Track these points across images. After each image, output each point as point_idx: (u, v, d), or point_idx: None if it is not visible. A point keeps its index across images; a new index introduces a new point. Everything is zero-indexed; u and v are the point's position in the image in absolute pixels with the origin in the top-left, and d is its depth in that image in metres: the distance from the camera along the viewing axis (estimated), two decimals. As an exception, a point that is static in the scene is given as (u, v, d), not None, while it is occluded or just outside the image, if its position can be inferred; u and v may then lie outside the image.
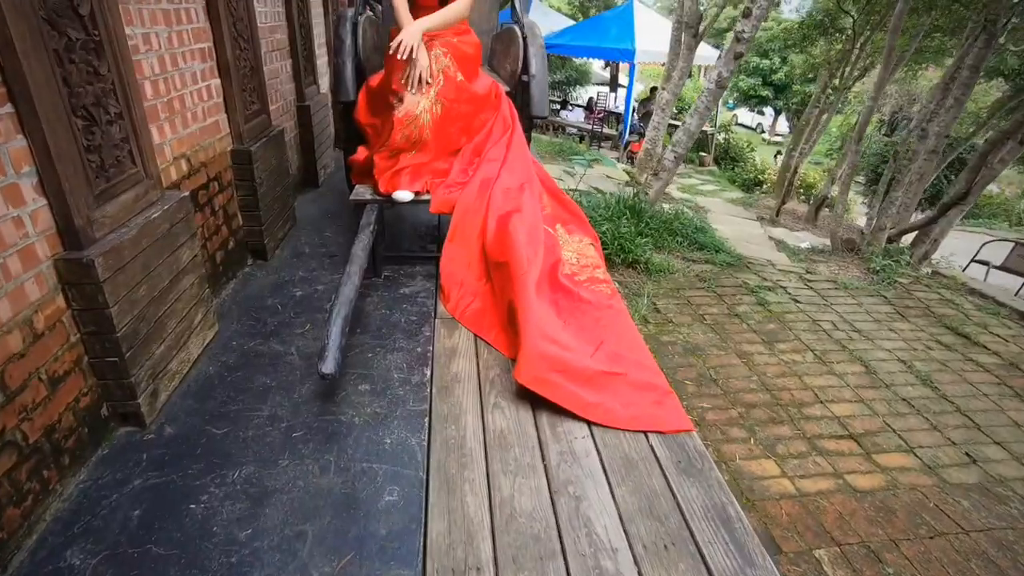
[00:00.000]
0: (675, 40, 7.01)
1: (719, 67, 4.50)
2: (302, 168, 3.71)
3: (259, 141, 2.62)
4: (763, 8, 4.12)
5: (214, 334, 2.07)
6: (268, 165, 2.70)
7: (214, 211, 2.30)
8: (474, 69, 2.72)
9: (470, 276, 2.45)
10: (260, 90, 2.73)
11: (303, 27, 3.63)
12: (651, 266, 4.23)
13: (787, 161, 9.95)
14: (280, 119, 3.24)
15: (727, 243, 5.09)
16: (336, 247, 2.93)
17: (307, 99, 3.63)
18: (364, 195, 2.51)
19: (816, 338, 3.55)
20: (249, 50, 2.60)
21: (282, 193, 2.91)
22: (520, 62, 3.01)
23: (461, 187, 2.57)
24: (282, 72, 3.29)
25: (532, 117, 3.08)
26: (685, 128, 4.87)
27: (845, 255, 5.41)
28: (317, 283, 2.54)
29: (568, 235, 2.90)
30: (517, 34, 3.06)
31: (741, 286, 4.17)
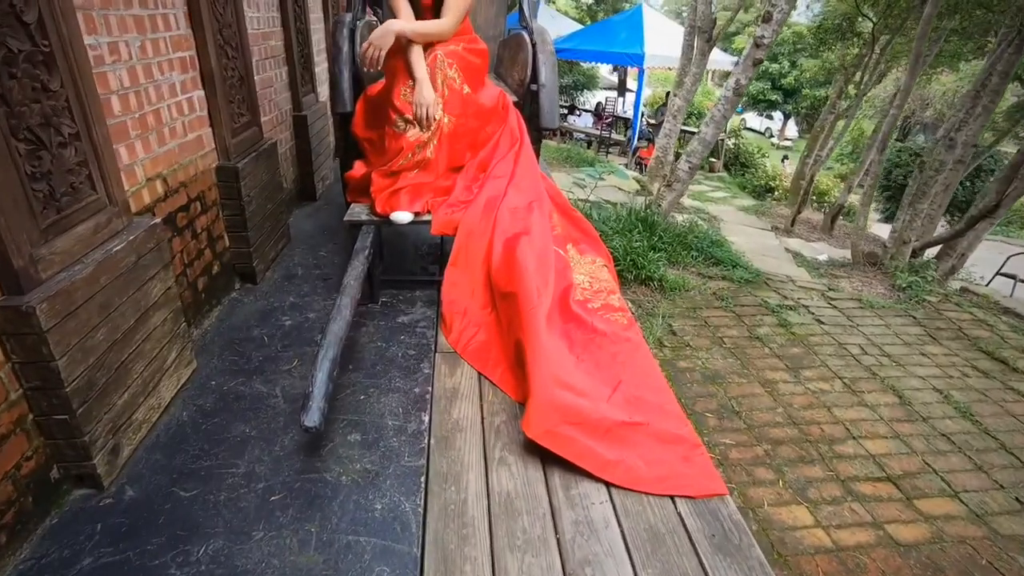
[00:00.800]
0: (687, 45, 6.81)
1: (737, 74, 4.30)
2: (298, 181, 3.53)
3: (248, 156, 2.43)
4: (784, 12, 3.91)
5: (191, 372, 1.88)
6: (258, 181, 2.51)
7: (195, 234, 2.11)
8: (480, 79, 2.53)
9: (474, 304, 2.25)
10: (250, 101, 2.55)
11: (300, 33, 3.45)
12: (666, 283, 4.01)
13: (801, 168, 9.69)
14: (274, 131, 3.06)
15: (744, 257, 4.87)
16: (331, 268, 2.73)
17: (304, 108, 3.45)
18: (360, 215, 2.32)
19: (844, 364, 3.32)
20: (238, 58, 2.41)
21: (274, 210, 2.72)
22: (529, 70, 2.81)
23: (465, 207, 2.37)
24: (277, 81, 3.11)
25: (541, 129, 2.88)
26: (700, 137, 4.66)
27: (867, 269, 5.18)
28: (309, 310, 2.35)
29: (580, 255, 2.70)
30: (526, 40, 2.87)
31: (761, 305, 3.95)
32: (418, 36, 2.21)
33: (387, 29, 2.15)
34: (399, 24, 2.17)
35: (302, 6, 3.45)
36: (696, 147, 4.69)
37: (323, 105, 3.86)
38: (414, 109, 2.24)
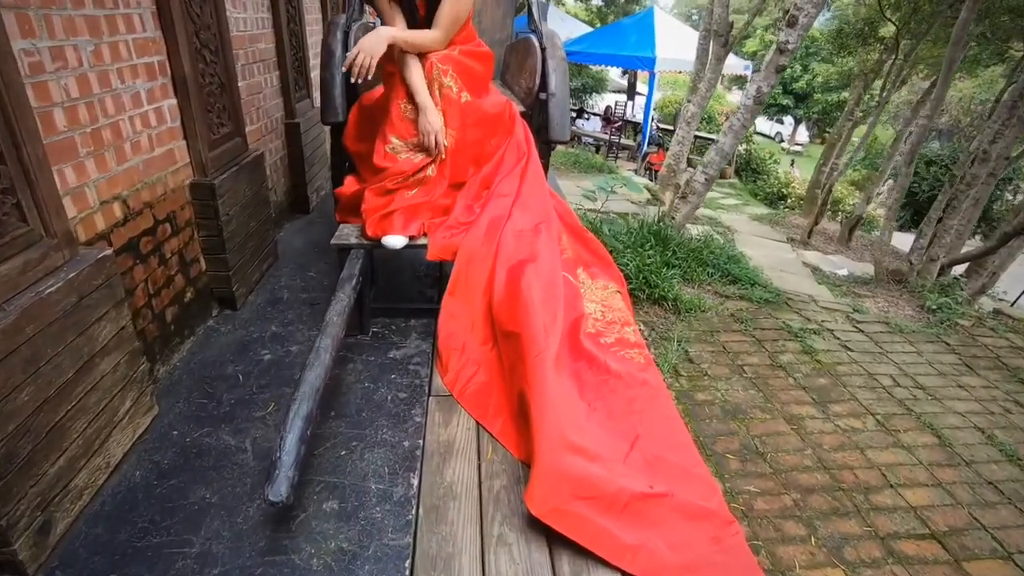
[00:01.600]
0: (702, 50, 6.56)
1: (758, 81, 4.05)
2: (290, 192, 3.31)
3: (228, 170, 2.21)
4: (810, 16, 3.67)
5: (152, 419, 1.66)
6: (240, 197, 2.29)
7: (164, 260, 1.89)
8: (483, 85, 2.30)
9: (473, 340, 2.02)
10: (233, 109, 2.33)
11: (294, 35, 3.24)
12: (681, 304, 3.77)
13: (816, 177, 9.41)
14: (262, 140, 2.85)
15: (762, 274, 4.61)
16: (320, 291, 2.51)
17: (297, 115, 3.24)
18: (348, 238, 2.09)
19: (875, 397, 3.06)
20: (218, 63, 2.19)
21: (259, 228, 2.50)
22: (538, 77, 2.58)
23: (465, 229, 2.15)
24: (266, 86, 2.89)
25: (550, 142, 2.65)
26: (718, 148, 4.42)
27: (892, 287, 4.91)
28: (292, 341, 2.12)
29: (591, 280, 2.47)
30: (534, 45, 2.64)
31: (783, 328, 3.70)
32: (409, 46, 1.99)
33: (379, 36, 1.93)
34: (391, 31, 1.96)
35: (296, 6, 3.23)
36: (713, 158, 4.45)
37: (319, 112, 3.64)
38: (420, 137, 2.03)
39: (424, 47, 2.04)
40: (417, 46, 2.01)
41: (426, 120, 2.01)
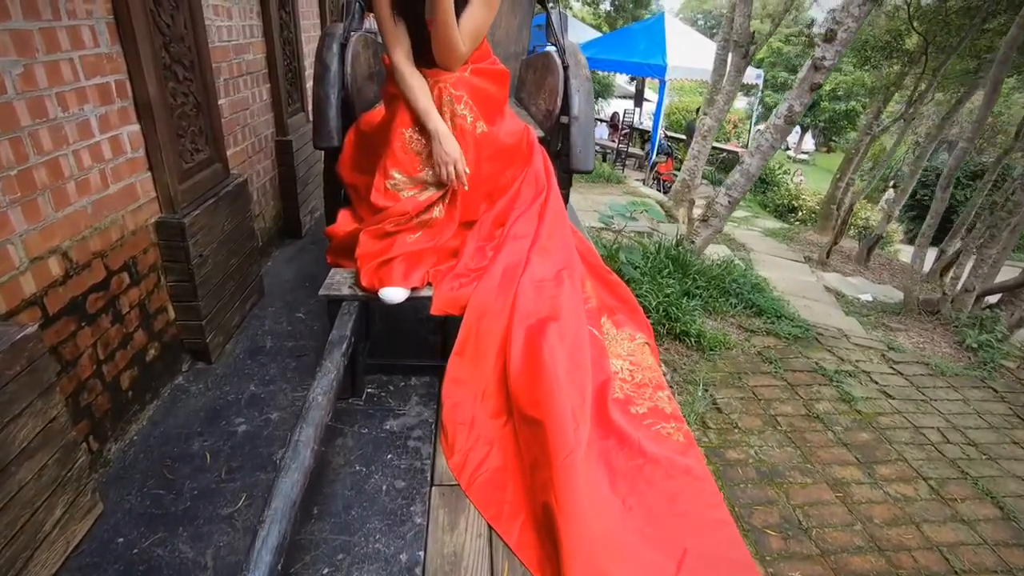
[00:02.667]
0: (719, 60, 6.26)
1: (790, 99, 3.76)
2: (280, 216, 3.01)
3: (204, 203, 1.91)
4: (850, 31, 3.38)
5: (93, 523, 1.35)
6: (217, 233, 1.99)
7: (119, 317, 1.59)
8: (499, 109, 2.00)
9: (483, 412, 1.71)
10: (211, 132, 2.04)
11: (288, 43, 2.94)
12: (705, 340, 3.47)
13: (832, 192, 9.10)
14: (247, 162, 2.55)
15: (787, 304, 4.31)
16: (309, 336, 2.21)
17: (290, 132, 2.94)
18: (340, 288, 1.79)
19: (924, 457, 2.76)
20: (193, 80, 1.90)
21: (241, 264, 2.21)
22: (559, 99, 2.29)
23: (476, 277, 1.84)
24: (254, 101, 2.59)
25: (572, 172, 2.35)
26: (744, 169, 4.12)
27: (924, 318, 4.62)
28: (272, 406, 1.82)
29: (616, 329, 2.17)
30: (555, 62, 2.34)
31: (815, 371, 3.40)
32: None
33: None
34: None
35: (291, 11, 2.94)
36: (738, 179, 4.15)
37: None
38: (435, 168, 1.73)
39: (448, 63, 1.75)
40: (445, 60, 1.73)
41: (441, 149, 1.71)
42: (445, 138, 1.71)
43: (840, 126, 24.15)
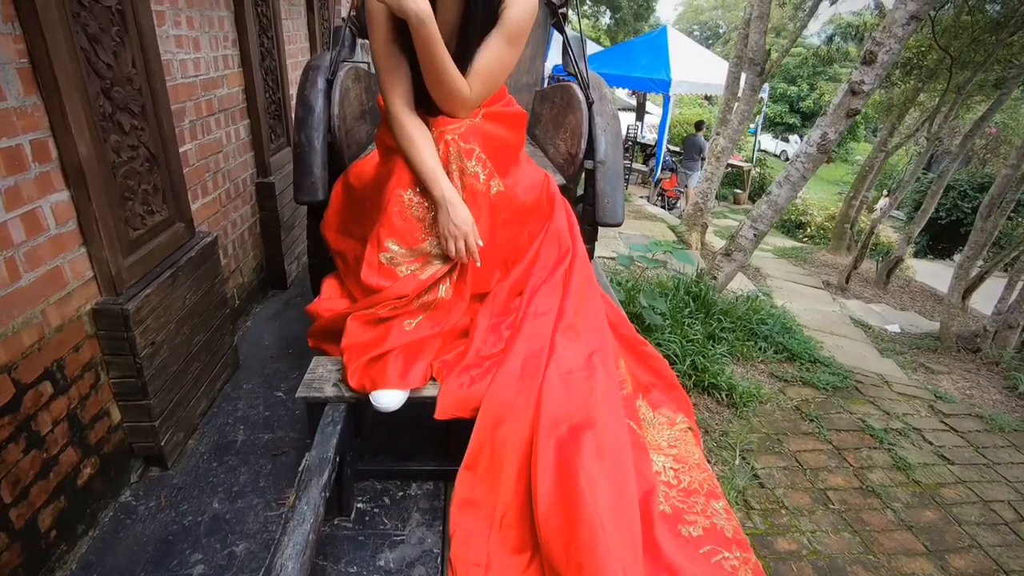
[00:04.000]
0: (733, 78, 5.96)
1: (823, 126, 3.44)
2: (262, 266, 2.67)
3: (159, 277, 1.57)
4: (892, 52, 3.07)
5: None
6: (176, 310, 1.65)
7: (37, 440, 1.24)
8: (514, 156, 1.67)
9: (502, 547, 1.35)
10: (171, 187, 1.70)
11: (270, 72, 2.61)
12: (735, 393, 3.12)
13: (846, 210, 8.80)
14: (221, 212, 2.20)
15: (819, 345, 3.97)
16: (290, 424, 1.86)
17: (272, 172, 2.60)
18: (322, 387, 1.44)
19: (1001, 542, 2.41)
20: (146, 129, 1.56)
21: (208, 340, 1.86)
22: (583, 140, 1.95)
23: (492, 367, 1.50)
24: (230, 141, 2.26)
25: (599, 225, 2.02)
26: (771, 201, 3.79)
27: (963, 355, 4.28)
28: (240, 533, 1.47)
29: (653, 412, 1.82)
30: (576, 96, 2.01)
31: (862, 429, 3.05)
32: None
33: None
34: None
35: (274, 37, 2.61)
36: (765, 211, 3.83)
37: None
38: (443, 241, 1.40)
39: (453, 111, 1.42)
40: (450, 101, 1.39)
41: (449, 220, 1.38)
42: (454, 207, 1.37)
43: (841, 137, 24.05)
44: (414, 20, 1.25)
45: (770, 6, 5.19)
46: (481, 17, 1.36)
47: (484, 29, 1.38)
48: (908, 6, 2.95)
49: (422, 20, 1.24)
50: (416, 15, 1.23)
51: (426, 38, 1.27)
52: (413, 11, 1.23)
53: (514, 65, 1.46)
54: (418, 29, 1.26)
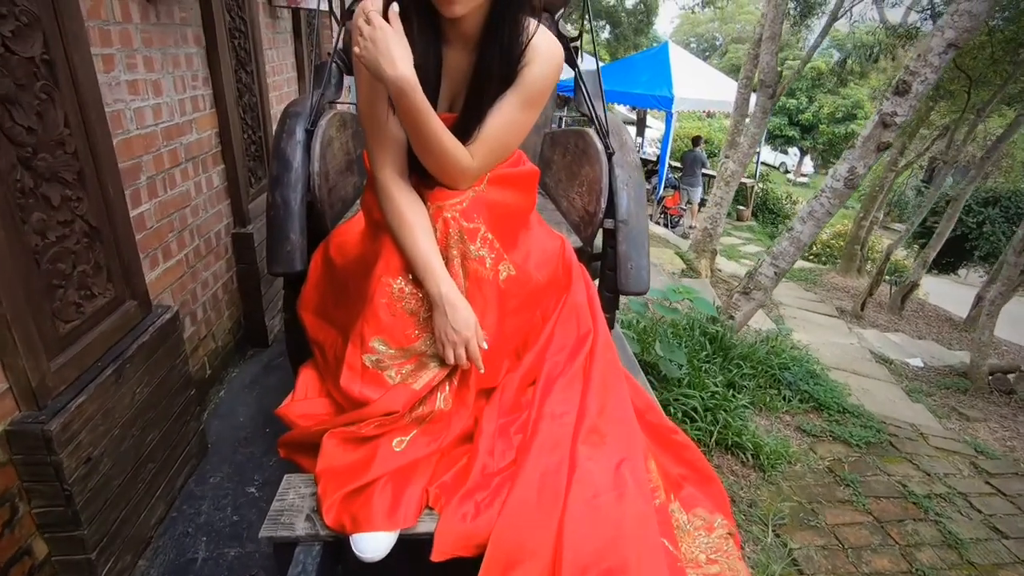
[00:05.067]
0: (742, 100, 5.75)
1: (851, 160, 3.20)
2: (239, 324, 2.40)
3: (98, 378, 1.30)
4: (927, 82, 2.84)
5: None
6: (123, 410, 1.38)
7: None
8: (523, 222, 1.42)
9: None
10: (119, 261, 1.44)
11: (250, 109, 2.36)
12: (763, 453, 2.84)
13: (856, 231, 8.56)
14: (189, 274, 1.94)
15: (845, 389, 3.70)
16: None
17: (251, 220, 2.34)
18: (292, 523, 1.16)
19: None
20: (83, 199, 1.30)
21: (167, 432, 1.59)
22: (603, 197, 1.70)
23: (500, 487, 1.22)
24: (200, 192, 2.00)
25: (619, 293, 1.76)
26: (793, 238, 3.54)
27: (996, 398, 4.02)
28: None
29: (687, 514, 1.54)
30: (594, 146, 1.76)
31: (903, 495, 2.77)
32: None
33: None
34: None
35: (253, 71, 2.36)
36: (787, 248, 3.58)
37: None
38: (440, 347, 1.14)
39: (452, 183, 1.17)
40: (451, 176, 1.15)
41: (447, 323, 1.12)
42: (454, 308, 1.11)
43: (839, 149, 24.00)
44: (393, 89, 1.00)
45: (781, 27, 4.98)
46: (496, 74, 1.11)
47: (498, 87, 1.13)
48: (946, 34, 2.72)
49: (402, 89, 0.99)
50: (395, 82, 0.99)
51: (409, 109, 1.02)
52: (391, 77, 0.99)
53: (529, 131, 1.20)
54: (398, 99, 1.02)
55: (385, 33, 1.00)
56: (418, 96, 1.02)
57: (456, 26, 1.10)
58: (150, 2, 1.61)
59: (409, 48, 1.02)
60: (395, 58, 0.99)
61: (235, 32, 2.19)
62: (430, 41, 1.12)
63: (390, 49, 1.00)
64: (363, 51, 1.00)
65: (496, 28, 1.09)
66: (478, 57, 1.12)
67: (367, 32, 1.00)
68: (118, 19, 1.48)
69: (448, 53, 1.15)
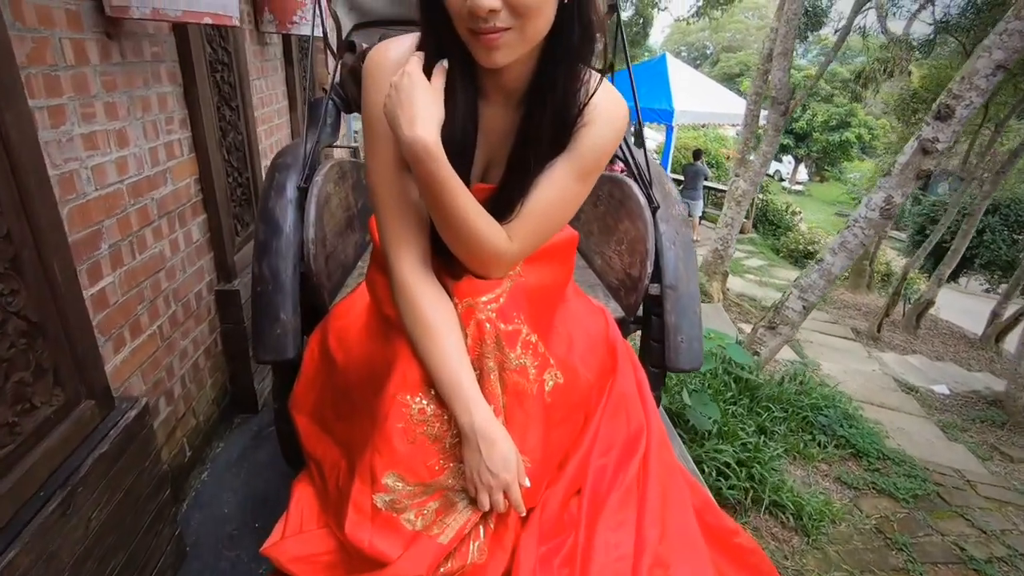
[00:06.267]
0: (751, 116, 5.56)
1: (888, 188, 2.99)
2: (226, 389, 2.13)
3: (38, 515, 1.03)
4: (972, 106, 2.63)
5: None
6: (73, 545, 1.11)
7: None
8: (560, 295, 1.17)
9: None
10: (70, 356, 1.17)
11: (235, 150, 2.11)
12: (804, 512, 2.59)
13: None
14: (164, 347, 1.67)
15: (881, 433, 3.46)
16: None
17: (238, 273, 2.08)
18: None
19: None
20: (20, 291, 1.04)
21: (134, 551, 1.32)
22: (648, 260, 1.45)
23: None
24: (177, 251, 1.74)
25: (670, 371, 1.51)
26: (823, 270, 3.32)
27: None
28: None
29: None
30: (634, 197, 1.52)
31: (962, 560, 2.52)
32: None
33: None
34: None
35: (239, 107, 2.11)
36: (816, 281, 3.36)
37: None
38: (471, 488, 0.89)
39: (484, 271, 0.93)
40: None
41: (482, 462, 0.87)
42: (490, 444, 0.86)
43: (834, 157, 24.06)
44: (407, 153, 0.76)
45: (793, 43, 4.79)
46: (546, 137, 0.86)
47: (547, 153, 0.88)
48: (994, 54, 2.51)
49: (417, 155, 0.76)
50: (410, 144, 0.75)
51: (428, 181, 0.78)
52: (406, 138, 0.75)
53: (580, 205, 0.95)
54: (414, 166, 0.78)
55: (414, 83, 0.76)
56: (439, 167, 0.78)
57: (496, 77, 0.85)
58: (111, 39, 1.36)
59: (441, 110, 0.78)
60: (416, 116, 0.75)
61: (217, 65, 1.94)
62: (466, 97, 0.86)
63: (414, 103, 0.75)
64: (386, 103, 0.77)
65: (547, 81, 0.84)
66: (524, 116, 0.88)
67: (395, 79, 0.76)
68: (70, 62, 1.22)
69: (485, 110, 0.90)
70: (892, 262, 11.31)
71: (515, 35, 0.75)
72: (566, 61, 0.82)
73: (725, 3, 10.34)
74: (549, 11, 0.76)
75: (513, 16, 0.73)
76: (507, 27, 0.74)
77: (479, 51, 0.77)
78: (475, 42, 0.76)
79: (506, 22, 0.73)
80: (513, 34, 0.75)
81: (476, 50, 0.77)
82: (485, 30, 0.73)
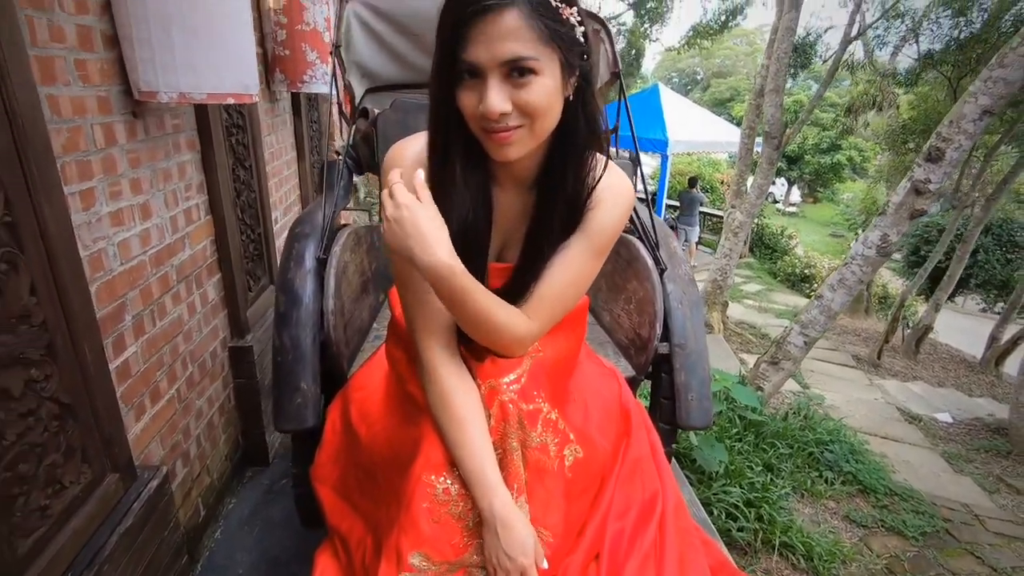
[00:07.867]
0: (745, 149, 5.68)
1: (883, 227, 3.06)
2: (238, 443, 2.14)
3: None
4: (962, 149, 2.72)
5: None
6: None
7: None
8: (575, 363, 1.21)
9: None
10: (98, 433, 1.20)
11: (249, 207, 2.16)
12: (813, 552, 2.58)
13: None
14: (181, 410, 1.69)
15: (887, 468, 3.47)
16: None
17: (251, 327, 2.11)
18: None
19: None
20: (53, 376, 1.08)
21: (152, 628, 1.32)
22: (657, 321, 1.49)
23: None
24: (193, 314, 1.77)
25: (680, 428, 1.54)
26: (824, 306, 3.38)
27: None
28: None
29: None
30: (641, 257, 1.57)
31: (975, 601, 2.52)
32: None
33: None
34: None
35: (252, 165, 2.17)
36: (816, 317, 3.41)
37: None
38: (490, 569, 0.91)
39: (506, 352, 0.96)
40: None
41: (499, 546, 0.89)
42: (508, 529, 0.88)
43: (826, 178, 24.41)
44: (430, 276, 0.81)
45: (785, 79, 4.93)
46: (558, 219, 0.92)
47: (560, 235, 0.93)
48: (980, 100, 2.61)
49: (440, 276, 0.81)
50: (432, 269, 0.80)
51: (451, 294, 0.83)
52: (427, 265, 0.79)
53: (595, 277, 1.00)
54: (436, 285, 0.82)
55: (413, 212, 0.80)
56: (459, 279, 0.82)
57: (508, 167, 0.91)
58: (137, 117, 1.42)
59: (443, 224, 0.82)
60: (429, 242, 0.79)
61: (232, 129, 2.01)
62: (478, 184, 0.92)
63: (421, 231, 0.79)
64: (389, 236, 0.81)
65: (557, 169, 0.90)
66: (536, 201, 0.93)
67: (391, 213, 0.80)
68: (100, 146, 1.28)
69: (499, 195, 0.96)
70: (889, 284, 11.40)
71: (525, 132, 0.81)
72: (573, 152, 0.88)
73: (714, 34, 10.61)
74: (556, 109, 0.82)
75: (523, 116, 0.79)
76: (518, 125, 0.80)
77: (492, 147, 0.83)
78: (488, 140, 0.82)
79: (517, 121, 0.79)
80: (524, 131, 0.81)
81: (489, 147, 0.83)
82: (497, 130, 0.79)
